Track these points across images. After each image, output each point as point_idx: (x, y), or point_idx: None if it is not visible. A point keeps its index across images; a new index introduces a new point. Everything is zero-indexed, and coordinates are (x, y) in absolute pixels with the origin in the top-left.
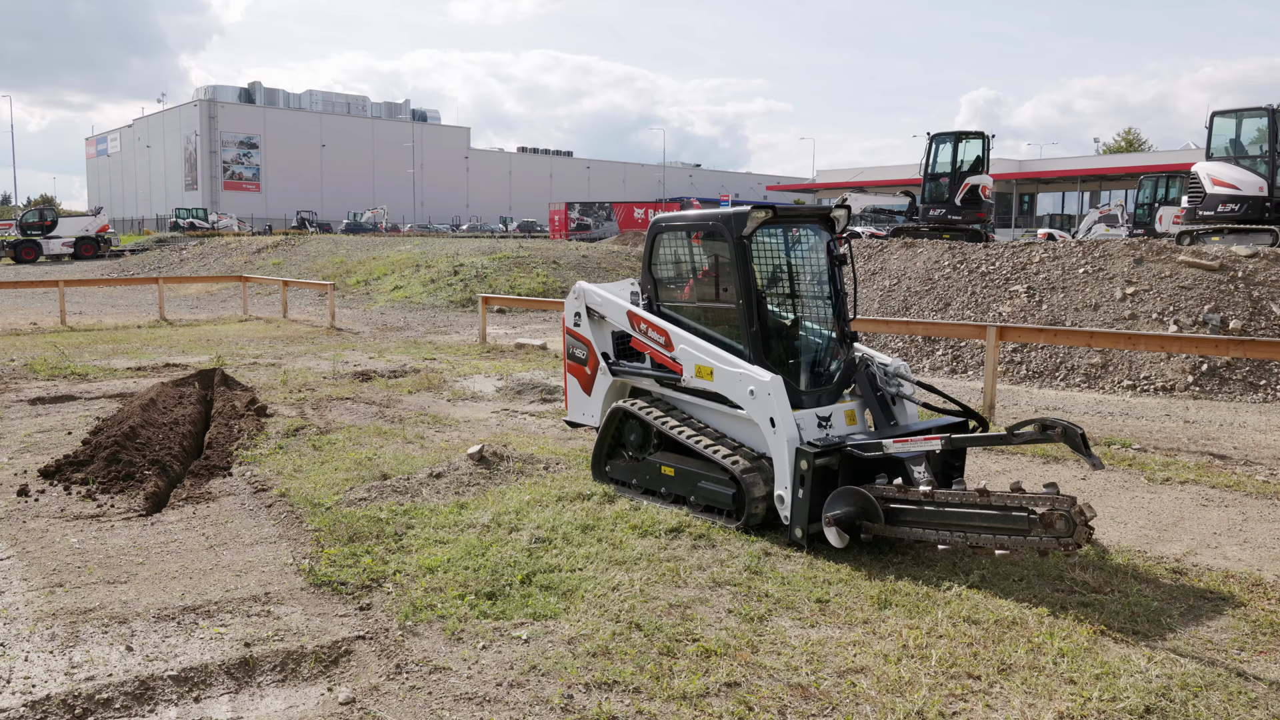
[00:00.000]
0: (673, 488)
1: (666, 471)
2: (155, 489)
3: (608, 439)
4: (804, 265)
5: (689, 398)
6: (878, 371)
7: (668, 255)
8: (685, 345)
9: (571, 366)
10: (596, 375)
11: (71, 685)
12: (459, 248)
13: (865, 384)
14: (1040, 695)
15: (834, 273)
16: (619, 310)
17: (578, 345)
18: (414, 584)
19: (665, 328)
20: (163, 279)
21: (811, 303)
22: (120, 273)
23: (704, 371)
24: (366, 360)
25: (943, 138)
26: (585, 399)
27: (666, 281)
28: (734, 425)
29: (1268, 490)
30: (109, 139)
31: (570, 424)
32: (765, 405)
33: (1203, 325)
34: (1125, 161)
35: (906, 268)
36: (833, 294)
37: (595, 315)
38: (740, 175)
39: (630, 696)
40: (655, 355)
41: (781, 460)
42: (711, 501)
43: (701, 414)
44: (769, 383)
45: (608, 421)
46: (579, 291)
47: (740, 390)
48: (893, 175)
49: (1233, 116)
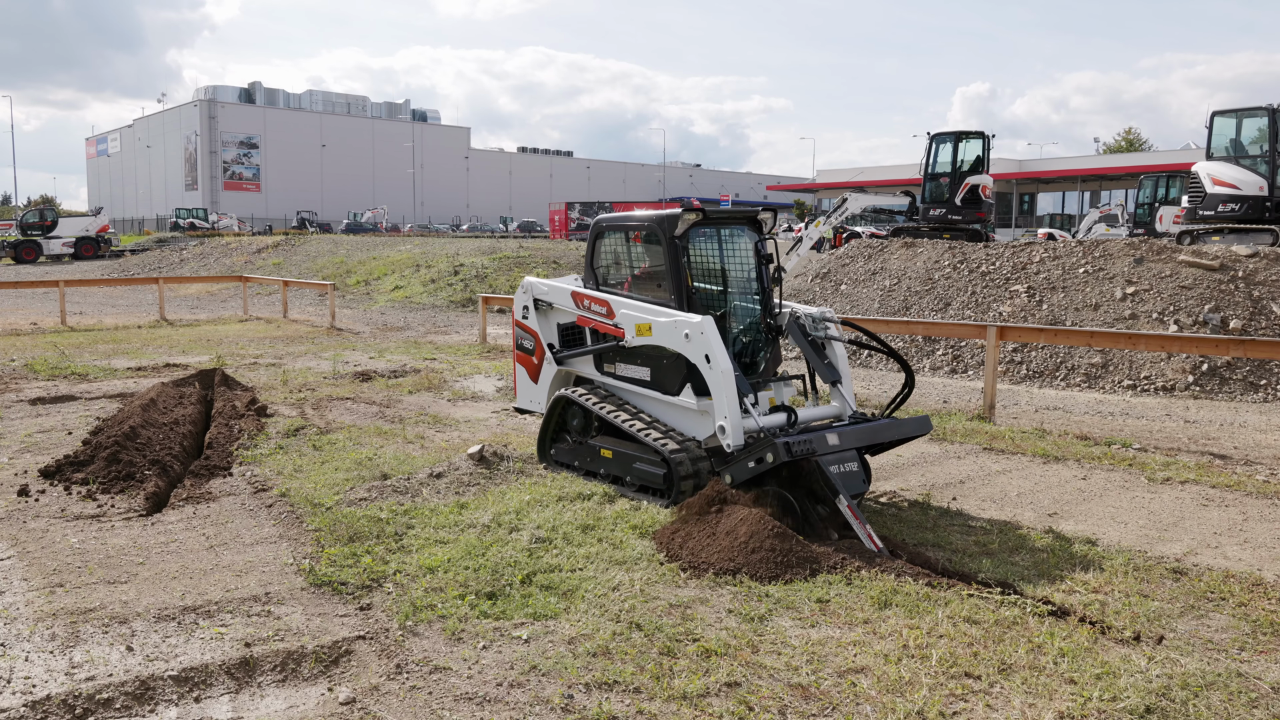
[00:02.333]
0: (610, 469)
1: (605, 454)
2: (155, 489)
3: (552, 424)
4: (733, 264)
5: (628, 386)
6: (806, 321)
7: (608, 253)
8: (625, 310)
9: (520, 357)
10: (543, 365)
11: (72, 685)
12: (459, 248)
13: (797, 333)
14: (1040, 695)
15: (761, 271)
16: (564, 293)
17: (525, 336)
18: (414, 584)
19: (606, 298)
20: (163, 279)
21: (740, 298)
22: (120, 273)
23: (643, 329)
24: (367, 360)
25: (943, 137)
26: (532, 387)
27: (608, 277)
28: (668, 411)
29: (1268, 490)
30: (109, 139)
31: (519, 410)
32: (699, 344)
33: (1203, 325)
34: (1125, 161)
35: (906, 268)
36: (760, 290)
37: (542, 306)
38: (740, 175)
39: (630, 696)
40: (599, 326)
41: (721, 391)
42: (645, 481)
43: (639, 401)
44: (700, 322)
45: (551, 408)
46: (527, 286)
47: (676, 336)
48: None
49: (1233, 116)
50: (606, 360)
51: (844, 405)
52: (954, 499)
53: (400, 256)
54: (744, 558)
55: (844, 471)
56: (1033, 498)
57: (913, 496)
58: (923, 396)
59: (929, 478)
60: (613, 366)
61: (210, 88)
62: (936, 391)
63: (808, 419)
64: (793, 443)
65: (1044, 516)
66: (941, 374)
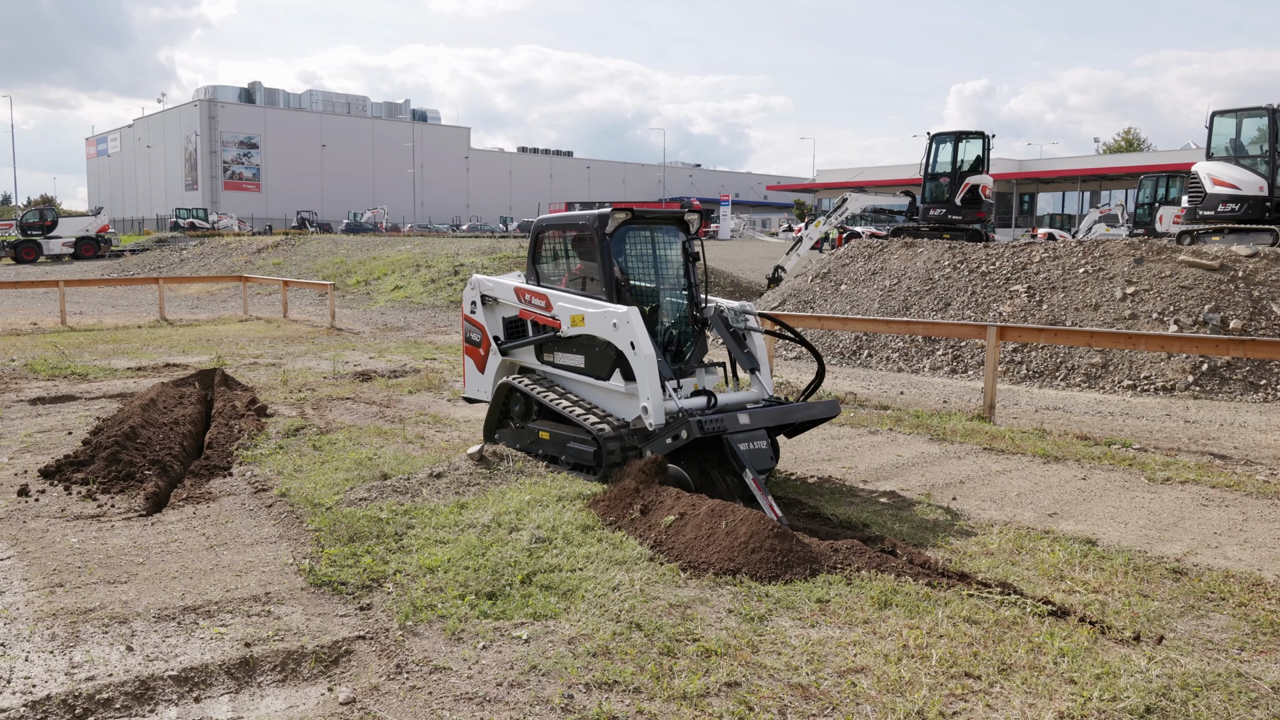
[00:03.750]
0: (547, 450)
1: (543, 436)
2: (155, 489)
3: (497, 410)
4: (662, 261)
5: (565, 373)
6: (728, 314)
7: (548, 251)
8: (562, 303)
9: (468, 349)
10: (489, 355)
11: (72, 685)
12: (459, 248)
13: (720, 325)
14: (1040, 695)
15: (688, 268)
16: (508, 289)
17: (473, 330)
18: (414, 584)
19: (545, 292)
20: (163, 279)
21: (668, 293)
22: (120, 273)
23: (577, 319)
24: (367, 360)
25: (943, 137)
26: (479, 376)
27: (548, 274)
28: (600, 395)
29: (1268, 490)
30: (109, 139)
31: (467, 400)
32: (625, 332)
33: (1203, 325)
34: (1125, 161)
35: (906, 268)
36: (687, 285)
37: (489, 301)
38: (740, 175)
39: (630, 696)
40: (539, 319)
41: (644, 375)
42: (577, 459)
43: (574, 387)
44: (626, 312)
45: (496, 395)
46: (474, 283)
47: (606, 325)
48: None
49: (1233, 116)
50: (546, 350)
51: (762, 390)
52: (954, 499)
53: (400, 256)
54: (744, 558)
55: (752, 449)
56: (1033, 498)
57: (913, 496)
58: (923, 396)
59: (929, 478)
60: (551, 356)
61: (210, 88)
62: (936, 391)
63: (727, 403)
64: (705, 421)
65: (1044, 516)
66: (941, 374)
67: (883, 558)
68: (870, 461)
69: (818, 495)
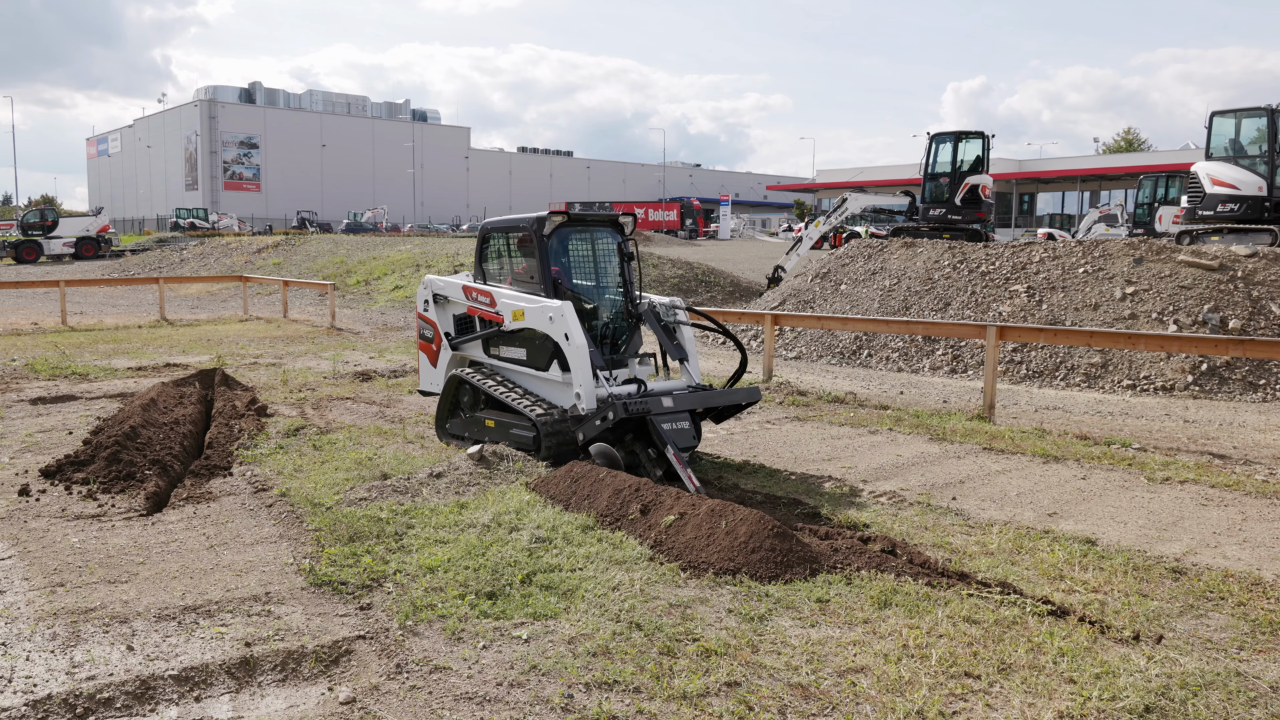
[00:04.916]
0: (493, 436)
1: (489, 424)
2: (156, 489)
3: (447, 401)
4: (598, 260)
5: (509, 365)
6: (660, 309)
7: (493, 251)
8: (505, 299)
9: (422, 345)
10: (441, 350)
11: (72, 685)
12: (459, 248)
13: (652, 319)
14: (1040, 695)
15: (624, 267)
16: (457, 288)
17: (426, 327)
18: (414, 584)
19: (490, 290)
20: (163, 279)
21: (604, 290)
22: (121, 273)
23: (518, 314)
24: (367, 360)
25: (943, 137)
26: (432, 370)
27: (493, 273)
28: (540, 385)
29: (1267, 490)
30: (109, 139)
31: (422, 393)
32: (560, 324)
33: (1202, 325)
34: (1125, 161)
35: (906, 267)
36: (623, 284)
37: (440, 300)
38: (740, 175)
39: (630, 696)
40: (485, 315)
41: (577, 364)
42: (520, 444)
43: (517, 378)
44: (561, 306)
45: (446, 387)
46: (427, 283)
47: (543, 319)
48: (892, 175)
49: (1232, 116)
50: (492, 344)
51: (689, 378)
52: (954, 499)
53: (400, 256)
54: (744, 557)
55: (675, 429)
56: (1032, 498)
57: (913, 496)
58: (923, 396)
59: (929, 478)
60: (497, 349)
61: (210, 88)
62: (936, 391)
63: (655, 389)
64: (630, 403)
65: (1044, 516)
66: (941, 374)
67: (882, 557)
68: (870, 461)
69: (817, 495)
